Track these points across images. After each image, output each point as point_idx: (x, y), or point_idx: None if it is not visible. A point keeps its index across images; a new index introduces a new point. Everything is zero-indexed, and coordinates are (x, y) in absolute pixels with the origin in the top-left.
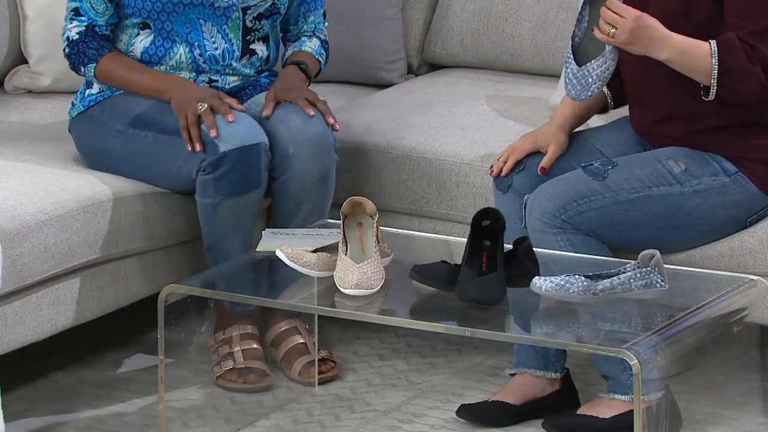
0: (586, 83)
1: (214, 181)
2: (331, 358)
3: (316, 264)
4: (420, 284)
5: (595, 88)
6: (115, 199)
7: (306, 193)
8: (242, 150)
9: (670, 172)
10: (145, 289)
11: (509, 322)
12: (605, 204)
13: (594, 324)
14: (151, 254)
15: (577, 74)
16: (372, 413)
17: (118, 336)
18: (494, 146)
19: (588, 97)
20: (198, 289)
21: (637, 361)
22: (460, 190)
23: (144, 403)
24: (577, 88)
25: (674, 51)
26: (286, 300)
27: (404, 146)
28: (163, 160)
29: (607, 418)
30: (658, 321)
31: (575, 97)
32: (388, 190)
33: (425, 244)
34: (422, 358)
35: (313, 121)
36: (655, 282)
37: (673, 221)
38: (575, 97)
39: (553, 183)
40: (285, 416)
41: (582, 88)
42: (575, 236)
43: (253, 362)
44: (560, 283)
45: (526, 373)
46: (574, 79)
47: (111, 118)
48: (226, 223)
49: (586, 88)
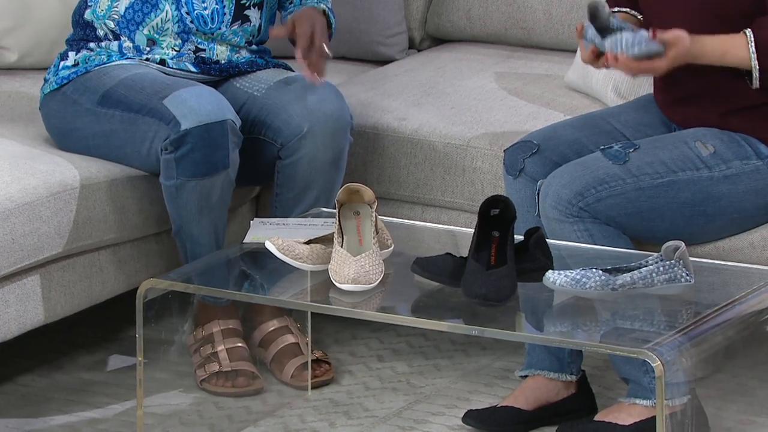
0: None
1: (176, 161)
2: (325, 359)
3: (309, 257)
4: (423, 279)
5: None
6: (87, 184)
7: (316, 176)
8: (205, 128)
9: (697, 156)
10: (121, 284)
11: (520, 321)
12: (626, 190)
13: (613, 322)
14: (128, 246)
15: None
16: (370, 419)
17: (92, 335)
18: (504, 128)
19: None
20: (180, 284)
21: (660, 363)
22: (466, 176)
23: (121, 408)
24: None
25: (713, 59)
26: (276, 296)
27: (405, 128)
28: (132, 140)
29: (627, 425)
30: (683, 319)
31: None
32: (388, 176)
33: (428, 235)
34: (425, 360)
35: (330, 98)
36: (680, 276)
37: (700, 209)
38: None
39: (569, 167)
40: (275, 423)
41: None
42: (593, 226)
43: (241, 364)
44: (576, 277)
45: (538, 376)
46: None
47: (81, 95)
48: (191, 207)
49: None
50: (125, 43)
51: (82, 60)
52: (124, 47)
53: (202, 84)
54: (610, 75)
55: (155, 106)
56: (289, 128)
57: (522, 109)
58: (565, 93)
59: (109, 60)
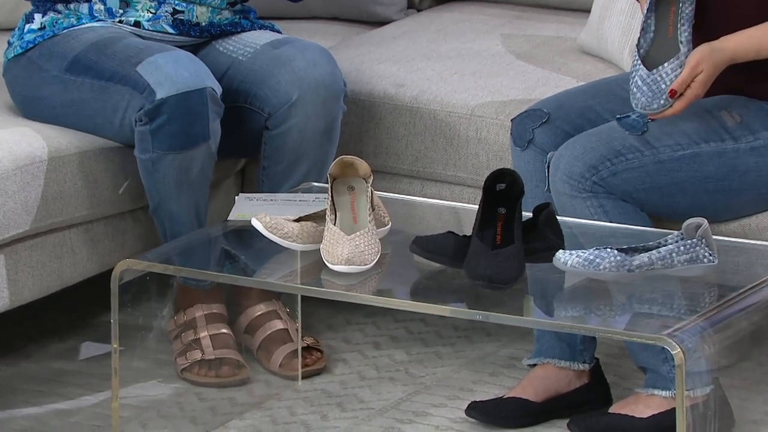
0: (659, 90)
1: (151, 133)
2: (317, 346)
3: (299, 235)
4: (422, 259)
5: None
6: (56, 157)
7: (306, 148)
8: (183, 96)
9: (722, 126)
10: (94, 265)
11: (528, 304)
12: (644, 163)
13: (629, 306)
14: (101, 223)
15: (647, 80)
16: (366, 412)
17: (63, 321)
18: (511, 95)
19: (661, 108)
20: (158, 265)
21: (680, 350)
22: (470, 148)
23: (94, 400)
24: (648, 95)
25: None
26: (263, 278)
27: (404, 96)
28: (104, 110)
29: (644, 418)
30: (705, 303)
31: (645, 106)
32: (385, 148)
33: (428, 212)
34: (425, 347)
35: (321, 63)
36: (702, 256)
37: (724, 184)
38: (645, 106)
39: (582, 138)
40: (262, 416)
41: (654, 96)
42: (608, 202)
43: (225, 351)
44: (589, 257)
45: (548, 365)
46: (644, 86)
47: (48, 61)
48: (169, 182)
49: (659, 96)
50: (96, 5)
51: (49, 23)
52: (95, 9)
53: (179, 49)
54: (627, 36)
55: (128, 73)
56: (276, 96)
57: (531, 74)
58: (577, 57)
59: (79, 23)
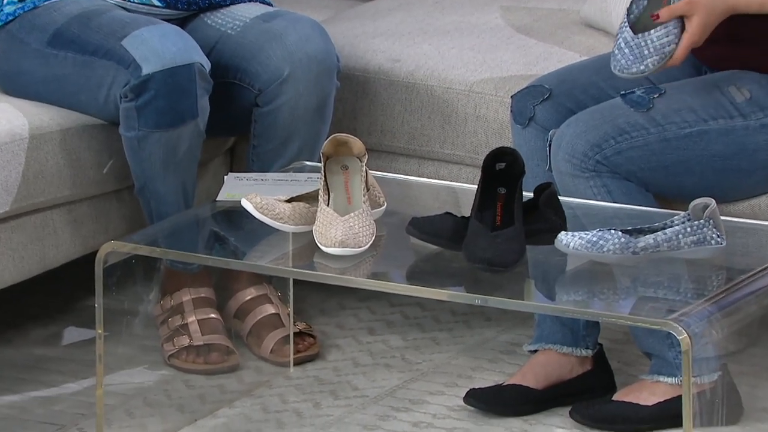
0: (641, 54)
1: (137, 110)
2: (309, 332)
3: (291, 216)
4: (419, 241)
5: (650, 63)
6: (38, 134)
7: (298, 126)
8: (170, 72)
9: (731, 102)
10: (77, 248)
11: (529, 288)
12: (650, 141)
13: (634, 290)
14: (85, 204)
15: (630, 43)
16: (360, 400)
17: (45, 305)
18: (511, 70)
19: (639, 73)
20: (144, 248)
21: (686, 336)
22: (468, 125)
23: (78, 387)
24: (629, 58)
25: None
26: (254, 261)
27: (400, 71)
28: (87, 86)
29: (649, 406)
30: (713, 286)
31: (624, 68)
32: (380, 126)
33: (425, 192)
34: (422, 333)
35: (314, 37)
36: (710, 238)
37: (733, 163)
38: (624, 68)
39: (585, 115)
40: (252, 403)
41: (635, 59)
42: (612, 181)
43: (214, 337)
44: (592, 239)
45: (549, 351)
46: (627, 48)
47: (29, 34)
48: (155, 161)
49: (639, 60)
50: None
51: None
52: None
53: (166, 22)
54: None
55: (113, 47)
56: (267, 72)
57: (532, 48)
58: (580, 30)
59: None
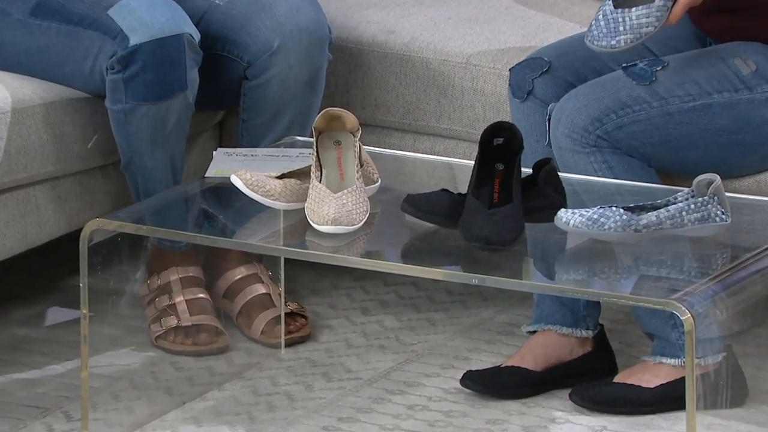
0: (615, 30)
1: (124, 82)
2: (301, 312)
3: (282, 193)
4: (414, 219)
5: (622, 40)
6: (20, 108)
7: (289, 99)
8: (158, 43)
9: (736, 74)
10: (61, 225)
11: (527, 267)
12: (652, 115)
13: (636, 269)
14: (69, 180)
15: (609, 16)
16: (353, 382)
17: (28, 285)
18: (509, 42)
19: (609, 48)
20: (130, 225)
21: (690, 316)
22: (465, 99)
23: (62, 369)
24: (603, 31)
25: None
26: (243, 239)
27: (394, 43)
28: (72, 58)
29: (651, 388)
30: (717, 265)
31: (594, 39)
32: (374, 100)
33: (421, 168)
34: (417, 313)
35: (304, 7)
36: (714, 215)
37: (738, 137)
38: (594, 39)
39: (585, 89)
40: (243, 386)
41: (608, 33)
42: (613, 157)
43: (202, 318)
44: (593, 217)
45: (548, 331)
46: (603, 20)
47: (10, 4)
48: (143, 135)
49: (612, 35)
50: None
51: None
52: None
53: None
54: None
55: (99, 17)
56: (256, 43)
57: (531, 20)
58: (581, 0)
59: None
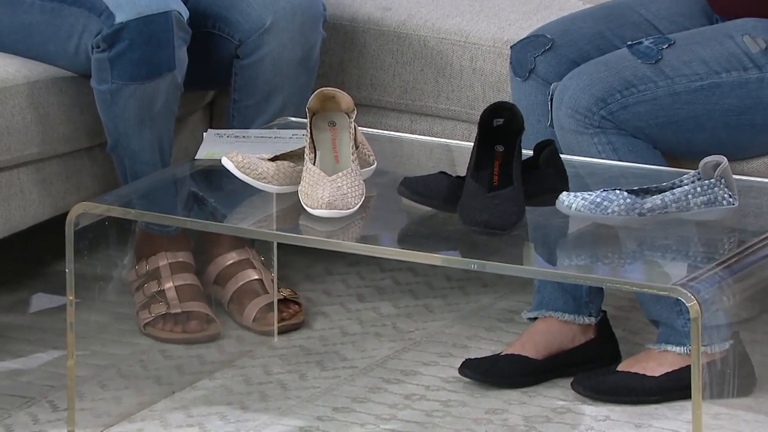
0: None
1: (110, 61)
2: (294, 299)
3: (275, 176)
4: (411, 203)
5: None
6: (3, 87)
7: (281, 79)
8: (145, 21)
9: (745, 53)
10: (46, 209)
11: (528, 252)
12: (658, 95)
13: (640, 254)
14: (54, 162)
15: None
16: (348, 371)
17: (12, 270)
18: (510, 19)
19: None
20: (118, 209)
21: (696, 302)
22: (464, 79)
23: (47, 357)
24: None
25: None
26: (235, 223)
27: (391, 20)
28: (56, 35)
29: (656, 377)
30: (724, 249)
31: None
32: (370, 79)
33: (418, 150)
34: (414, 300)
35: None
36: (721, 198)
37: (747, 118)
38: None
39: (589, 67)
40: (234, 375)
41: None
42: (617, 138)
43: (193, 304)
44: (596, 200)
45: (550, 318)
46: None
47: None
48: (130, 116)
49: None
50: None
51: None
52: None
53: None
54: None
55: None
56: (248, 21)
57: None
58: None
59: None
